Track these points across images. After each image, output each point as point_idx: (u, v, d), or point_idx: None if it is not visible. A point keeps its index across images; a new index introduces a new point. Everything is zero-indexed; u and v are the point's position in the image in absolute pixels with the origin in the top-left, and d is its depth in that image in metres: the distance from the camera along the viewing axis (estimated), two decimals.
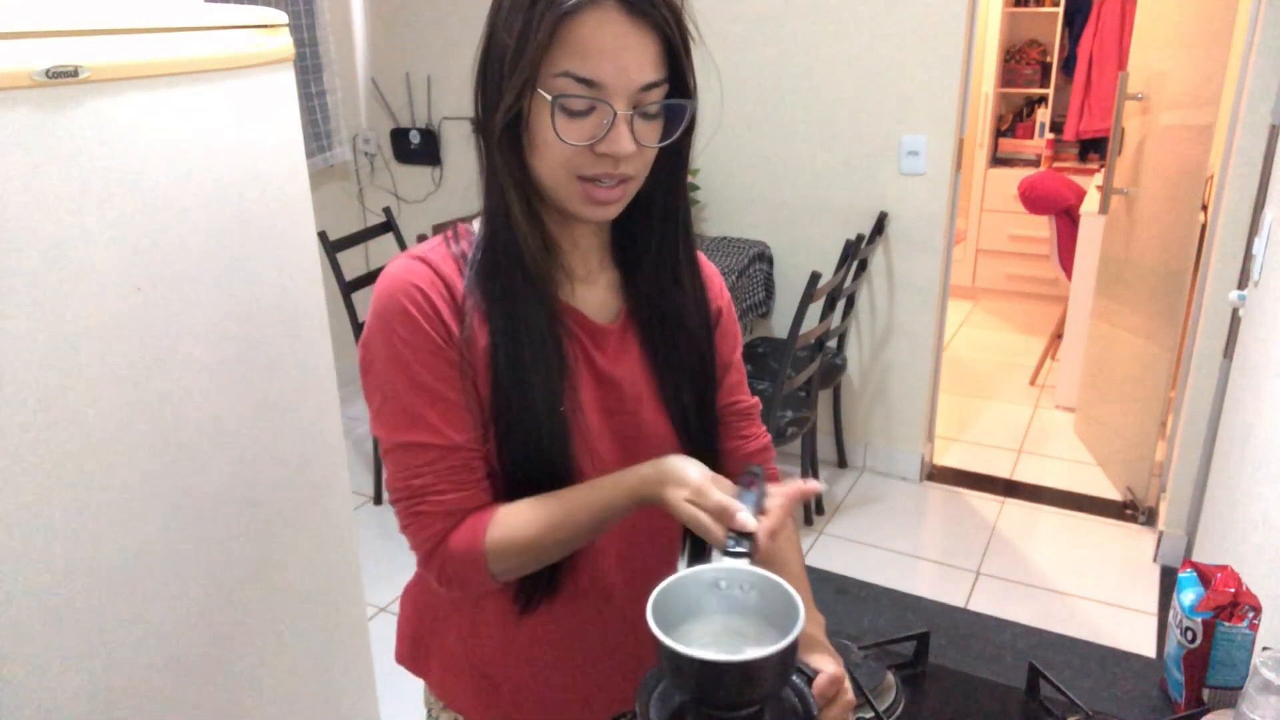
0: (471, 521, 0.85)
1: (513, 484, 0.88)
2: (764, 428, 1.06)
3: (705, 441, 0.98)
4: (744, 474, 0.85)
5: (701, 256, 1.02)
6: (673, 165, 0.89)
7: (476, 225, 0.90)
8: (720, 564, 0.77)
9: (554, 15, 0.76)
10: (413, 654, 1.05)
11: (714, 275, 1.03)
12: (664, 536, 1.01)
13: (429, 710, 1.07)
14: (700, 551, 1.01)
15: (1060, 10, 4.94)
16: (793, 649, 0.71)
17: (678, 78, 0.83)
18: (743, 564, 0.76)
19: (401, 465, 0.85)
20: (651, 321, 0.94)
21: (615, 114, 0.78)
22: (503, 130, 0.81)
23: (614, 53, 0.77)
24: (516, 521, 0.85)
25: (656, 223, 0.92)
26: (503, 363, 0.85)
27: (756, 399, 1.06)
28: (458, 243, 0.89)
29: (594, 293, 0.93)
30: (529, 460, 0.87)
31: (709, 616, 0.79)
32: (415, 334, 0.83)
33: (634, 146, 0.80)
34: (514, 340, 0.85)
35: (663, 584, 0.76)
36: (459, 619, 0.99)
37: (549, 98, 0.78)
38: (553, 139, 0.79)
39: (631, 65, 0.78)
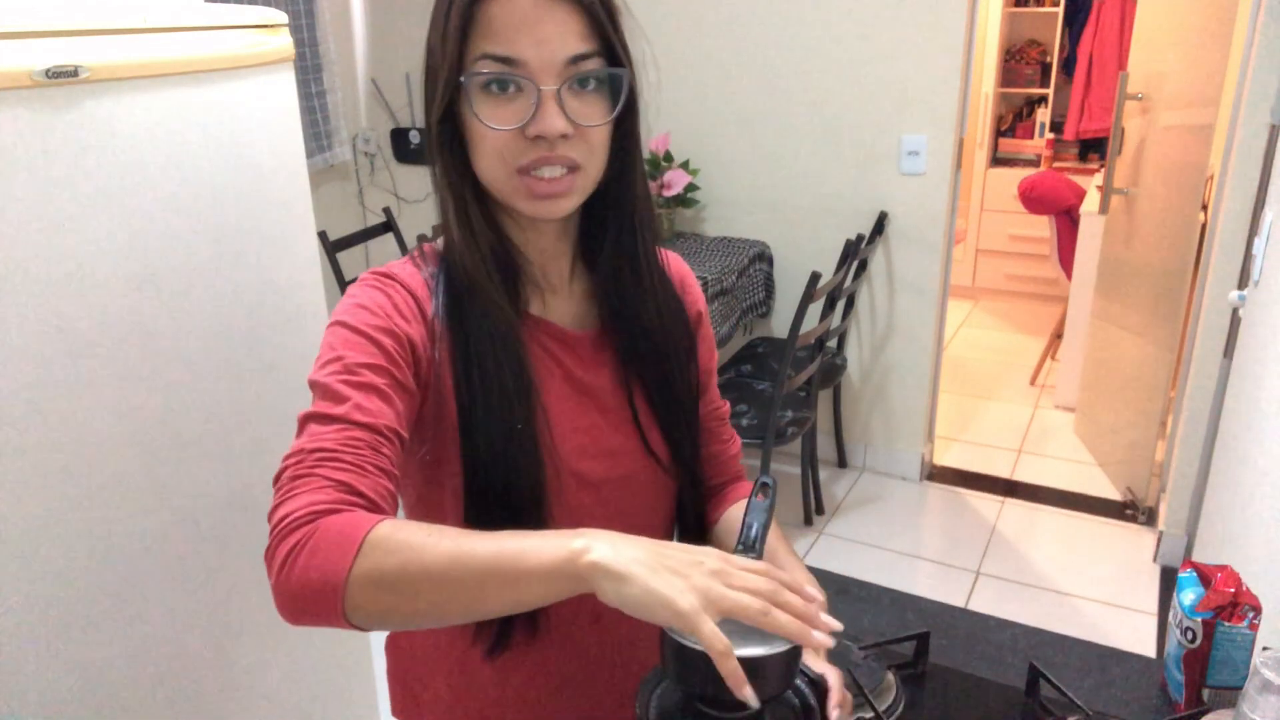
0: (355, 514, 0.66)
1: (475, 513, 0.82)
2: (732, 428, 1.06)
3: (688, 451, 0.95)
4: (756, 483, 0.82)
5: (675, 257, 0.98)
6: (621, 149, 0.84)
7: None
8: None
9: (464, 1, 0.74)
10: (404, 704, 1.00)
11: (688, 277, 0.99)
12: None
13: None
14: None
15: (1060, 10, 4.94)
16: (799, 650, 0.71)
17: (609, 49, 0.78)
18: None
19: (301, 434, 0.73)
20: (621, 326, 0.90)
21: (540, 91, 0.75)
22: (441, 133, 0.79)
23: (529, 27, 0.74)
24: (415, 532, 0.64)
25: (612, 215, 0.87)
26: (462, 388, 0.81)
27: (726, 403, 1.05)
28: (426, 265, 0.85)
29: (567, 303, 0.90)
30: (491, 486, 0.81)
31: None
32: (362, 324, 0.77)
33: (564, 124, 0.76)
34: (467, 359, 0.81)
35: None
36: (446, 663, 0.93)
37: (471, 79, 0.75)
38: (483, 130, 0.76)
39: (553, 37, 0.74)
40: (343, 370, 0.75)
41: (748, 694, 0.62)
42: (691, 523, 0.98)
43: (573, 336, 0.89)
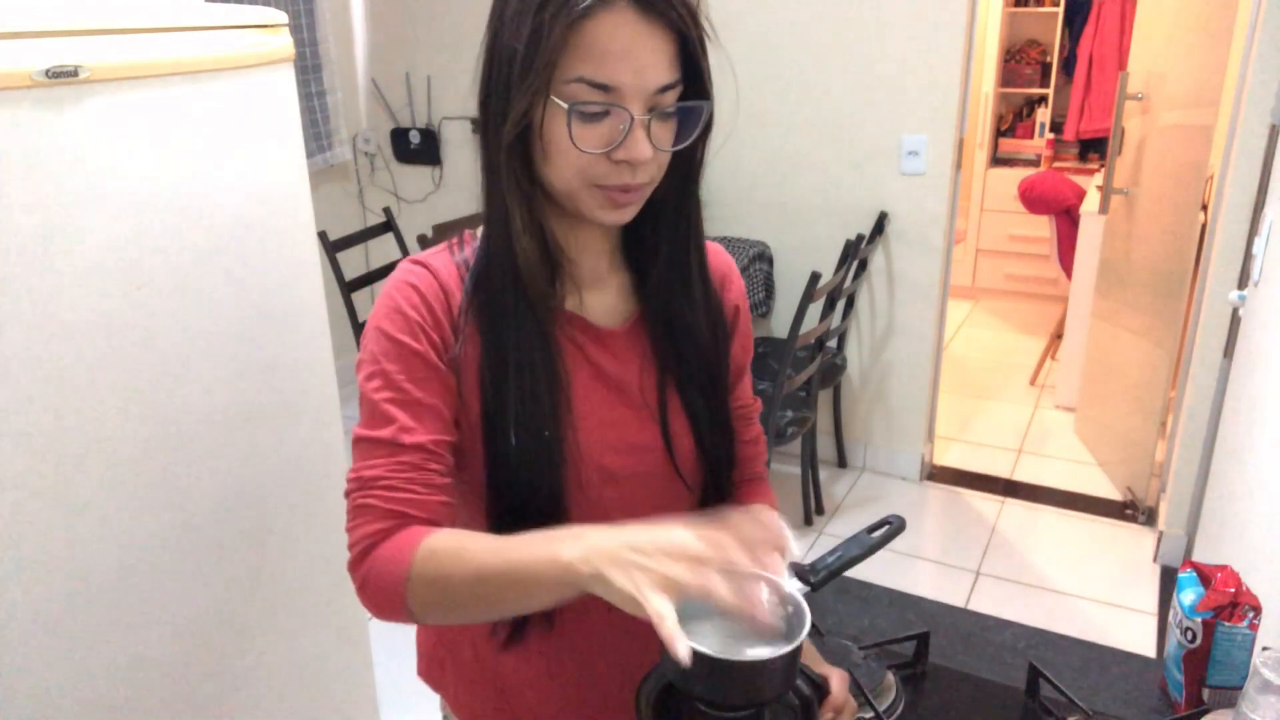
0: (406, 535, 0.78)
1: (498, 508, 0.86)
2: (759, 425, 1.06)
3: (718, 448, 0.95)
4: (882, 525, 0.85)
5: (719, 250, 0.99)
6: (685, 169, 0.87)
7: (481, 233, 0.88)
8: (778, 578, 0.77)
9: (566, 18, 0.73)
10: (429, 669, 1.03)
11: (731, 272, 1.00)
12: None
13: None
14: None
15: (1060, 10, 4.94)
16: (799, 651, 0.72)
17: (693, 78, 0.79)
18: (794, 584, 0.77)
19: (358, 458, 0.82)
20: (659, 326, 0.92)
21: (632, 119, 0.76)
22: (512, 140, 0.79)
23: (629, 55, 0.74)
24: (453, 549, 0.76)
25: (667, 228, 0.89)
26: (489, 386, 0.83)
27: (758, 399, 1.05)
28: (462, 250, 0.87)
29: (603, 297, 0.91)
30: (514, 485, 0.84)
31: (711, 616, 0.79)
32: (401, 332, 0.82)
33: (651, 152, 0.78)
34: (501, 362, 0.83)
35: None
36: (471, 636, 0.97)
37: (564, 105, 0.75)
38: (567, 147, 0.77)
39: (647, 67, 0.75)
40: (385, 386, 0.81)
41: (681, 653, 0.65)
42: None
43: (605, 332, 0.90)
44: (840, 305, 2.97)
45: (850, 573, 0.93)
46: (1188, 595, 1.00)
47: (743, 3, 3.01)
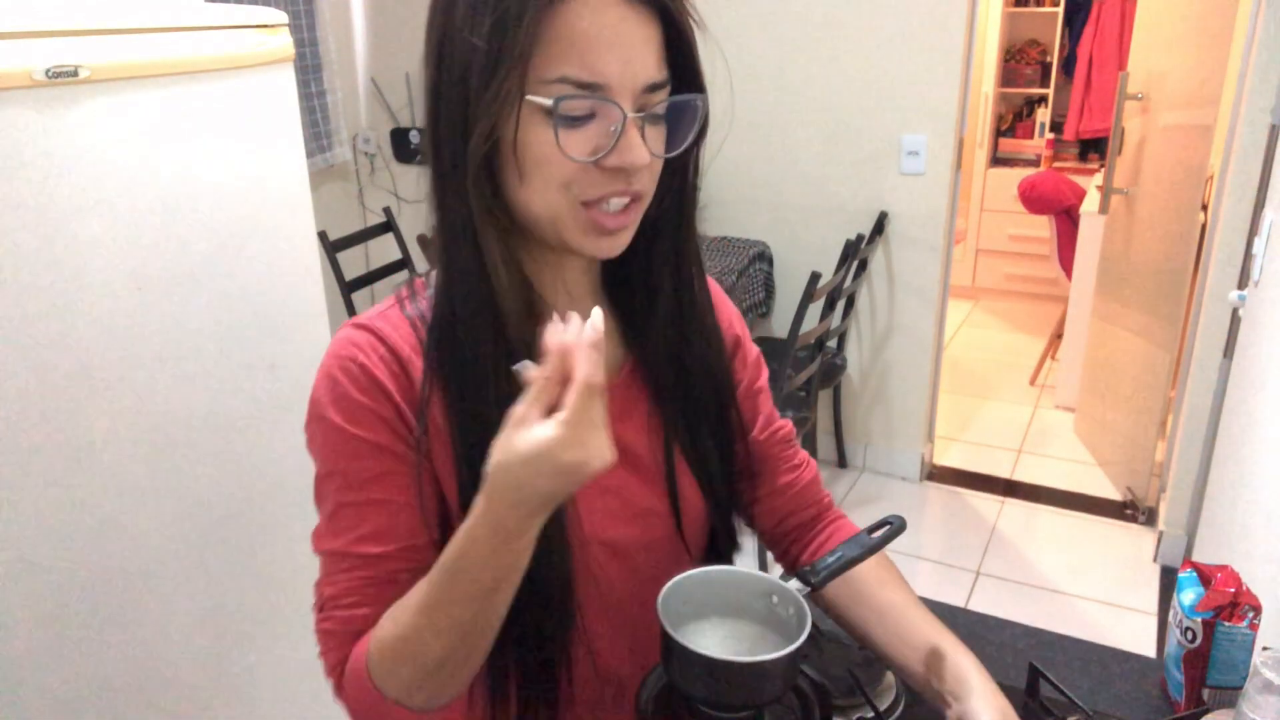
0: (358, 648, 0.69)
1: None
2: (803, 450, 0.95)
3: (730, 500, 0.87)
4: (882, 526, 0.81)
5: (716, 287, 0.89)
6: (680, 182, 0.76)
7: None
8: (774, 579, 0.77)
9: (536, 5, 0.61)
10: None
11: (723, 301, 0.90)
12: None
13: None
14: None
15: (1060, 10, 4.94)
16: (799, 652, 0.72)
17: (682, 73, 0.69)
18: (794, 584, 0.77)
19: (321, 569, 0.72)
20: (662, 372, 0.80)
21: (625, 117, 0.64)
22: (480, 160, 0.65)
23: (615, 44, 0.63)
24: (387, 619, 0.67)
25: (667, 254, 0.78)
26: (465, 460, 0.70)
27: (789, 421, 0.95)
28: (414, 302, 0.74)
29: None
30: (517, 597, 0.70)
31: (711, 618, 0.79)
32: (351, 422, 0.69)
33: (649, 156, 0.67)
34: (479, 429, 0.68)
35: (671, 582, 0.76)
36: None
37: (548, 103, 0.63)
38: (551, 159, 0.65)
39: (635, 59, 0.64)
40: (343, 486, 0.70)
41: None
42: None
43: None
44: (840, 305, 2.96)
45: None
46: (1188, 595, 1.00)
47: (744, 3, 3.01)
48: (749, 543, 2.92)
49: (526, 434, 0.57)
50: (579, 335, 0.58)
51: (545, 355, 0.58)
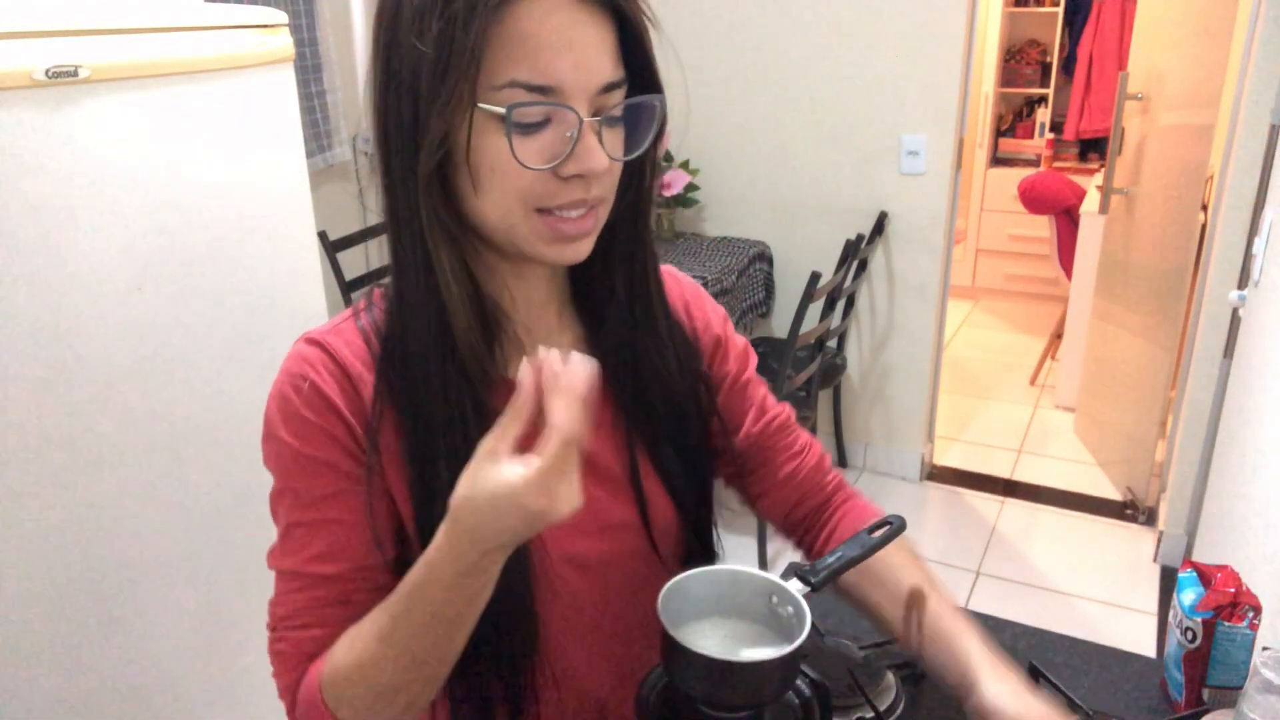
0: (311, 671, 0.68)
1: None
2: (806, 432, 0.92)
3: (700, 509, 0.85)
4: (882, 526, 0.82)
5: (685, 279, 0.88)
6: (636, 185, 0.73)
7: None
8: (773, 578, 0.78)
9: (485, 7, 0.59)
10: None
11: (698, 298, 0.87)
12: (654, 625, 0.78)
13: None
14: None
15: (1060, 10, 4.94)
16: (799, 653, 0.72)
17: (641, 72, 0.67)
18: (794, 584, 0.77)
19: (275, 588, 0.71)
20: (622, 377, 0.77)
21: (581, 122, 0.63)
22: (431, 170, 0.63)
23: (567, 46, 0.61)
24: (343, 643, 0.66)
25: (620, 259, 0.75)
26: (418, 481, 0.69)
27: (786, 405, 0.92)
28: (370, 311, 0.72)
29: None
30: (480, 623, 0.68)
31: (711, 617, 0.79)
32: (301, 440, 0.68)
33: (607, 162, 0.65)
34: (430, 450, 0.68)
35: (671, 582, 0.76)
36: None
37: (500, 110, 0.61)
38: (506, 167, 0.63)
39: (589, 60, 0.62)
40: (295, 505, 0.69)
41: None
42: None
43: None
44: (840, 305, 2.96)
45: None
46: (1188, 595, 0.99)
47: (744, 2, 3.01)
48: (749, 542, 2.92)
49: (495, 472, 0.56)
50: (558, 377, 0.57)
51: (519, 388, 0.57)
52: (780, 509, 0.93)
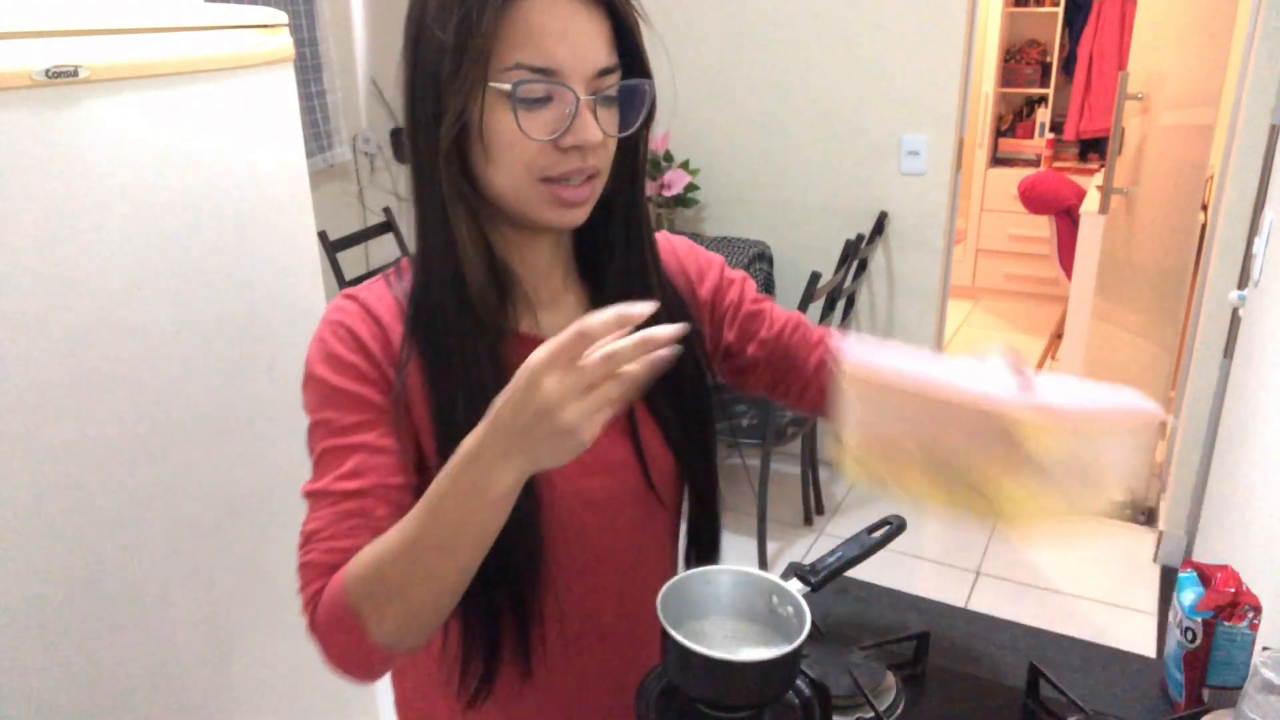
0: (337, 576, 0.72)
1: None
2: (820, 328, 0.99)
3: (700, 452, 0.90)
4: (882, 525, 0.84)
5: (677, 239, 0.96)
6: (630, 160, 0.83)
7: None
8: (774, 578, 0.78)
9: (497, 3, 0.70)
10: None
11: (691, 251, 0.96)
12: (659, 566, 0.94)
13: None
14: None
15: (1060, 10, 4.94)
16: (799, 652, 0.72)
17: (630, 61, 0.77)
18: (794, 584, 0.77)
19: (306, 516, 0.77)
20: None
21: (578, 100, 0.72)
22: (450, 143, 0.73)
23: (566, 35, 0.71)
24: (368, 549, 0.71)
25: (618, 227, 0.85)
26: (440, 418, 0.77)
27: (795, 312, 1.00)
28: (400, 280, 0.82)
29: (560, 316, 0.85)
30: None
31: (711, 617, 0.79)
32: (335, 376, 0.76)
33: (601, 135, 0.74)
34: (450, 391, 0.76)
35: (671, 582, 0.76)
36: (448, 699, 0.87)
37: (507, 88, 0.71)
38: (513, 139, 0.72)
39: (585, 47, 0.72)
40: (326, 434, 0.76)
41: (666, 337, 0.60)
42: (706, 544, 0.94)
43: None
44: (840, 305, 2.96)
45: (850, 573, 0.93)
46: (1188, 595, 0.99)
47: (744, 2, 3.01)
48: (749, 542, 2.91)
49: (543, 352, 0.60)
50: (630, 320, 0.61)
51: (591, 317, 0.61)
52: (826, 395, 0.95)
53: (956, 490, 0.71)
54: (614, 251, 0.85)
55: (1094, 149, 5.02)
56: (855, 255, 2.86)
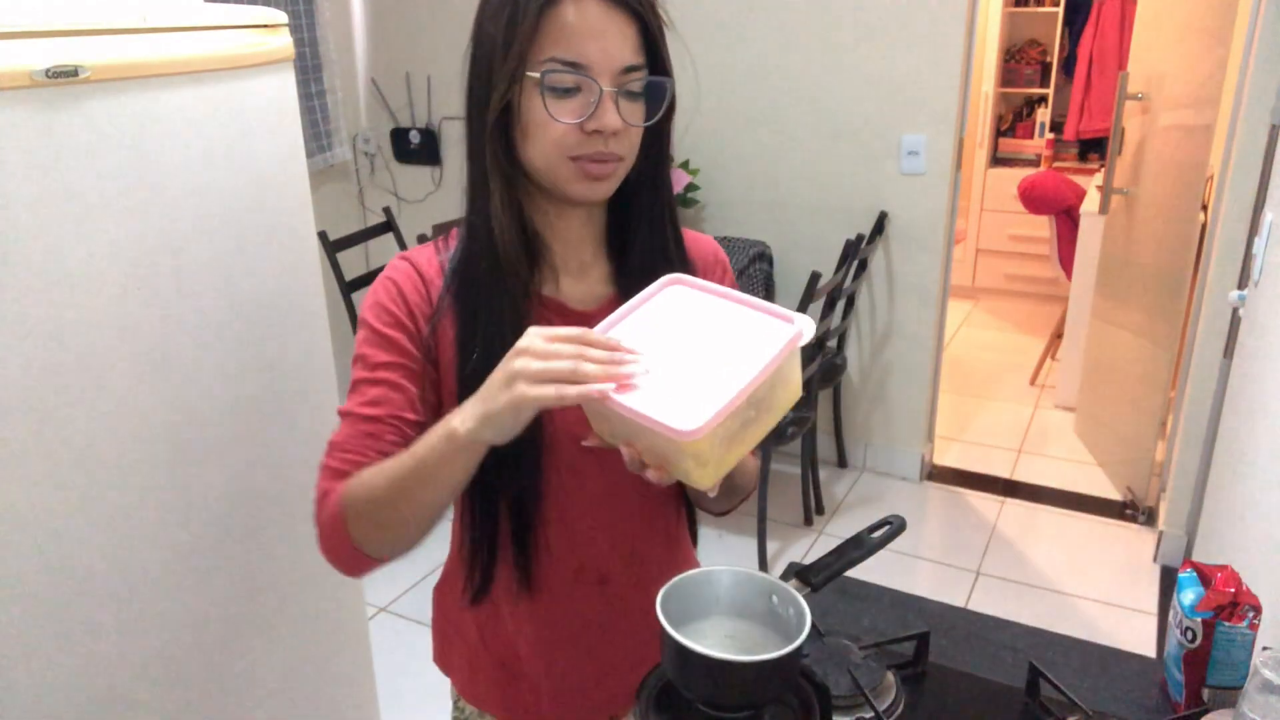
0: (344, 483, 0.86)
1: (475, 478, 0.85)
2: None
3: None
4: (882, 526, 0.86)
5: (708, 241, 1.05)
6: (656, 148, 0.93)
7: None
8: (773, 579, 0.78)
9: (539, 4, 0.81)
10: (440, 651, 1.10)
11: (706, 245, 1.04)
12: (660, 520, 1.03)
13: (458, 708, 1.11)
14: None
15: (1060, 10, 4.94)
16: (798, 653, 0.72)
17: (655, 63, 0.87)
18: (794, 584, 0.77)
19: (337, 430, 0.90)
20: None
21: (601, 91, 0.83)
22: (494, 122, 0.85)
23: (596, 35, 0.82)
24: (367, 470, 0.84)
25: (642, 209, 0.95)
26: (463, 360, 0.88)
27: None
28: (447, 248, 0.94)
29: (583, 285, 0.96)
30: (495, 466, 0.84)
31: (711, 617, 0.79)
32: (377, 320, 0.90)
33: (620, 122, 0.84)
34: (473, 337, 0.88)
35: (671, 582, 0.76)
36: (478, 610, 1.02)
37: (538, 75, 0.82)
38: (544, 119, 0.83)
39: (613, 47, 0.83)
40: (361, 367, 0.90)
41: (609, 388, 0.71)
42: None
43: (579, 313, 0.95)
44: (840, 305, 2.97)
45: (850, 573, 0.93)
46: (1188, 595, 1.00)
47: (744, 3, 3.01)
48: (749, 542, 2.92)
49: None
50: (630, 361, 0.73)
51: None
52: None
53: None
54: (638, 229, 0.96)
55: (1094, 149, 5.02)
56: (855, 255, 2.86)
